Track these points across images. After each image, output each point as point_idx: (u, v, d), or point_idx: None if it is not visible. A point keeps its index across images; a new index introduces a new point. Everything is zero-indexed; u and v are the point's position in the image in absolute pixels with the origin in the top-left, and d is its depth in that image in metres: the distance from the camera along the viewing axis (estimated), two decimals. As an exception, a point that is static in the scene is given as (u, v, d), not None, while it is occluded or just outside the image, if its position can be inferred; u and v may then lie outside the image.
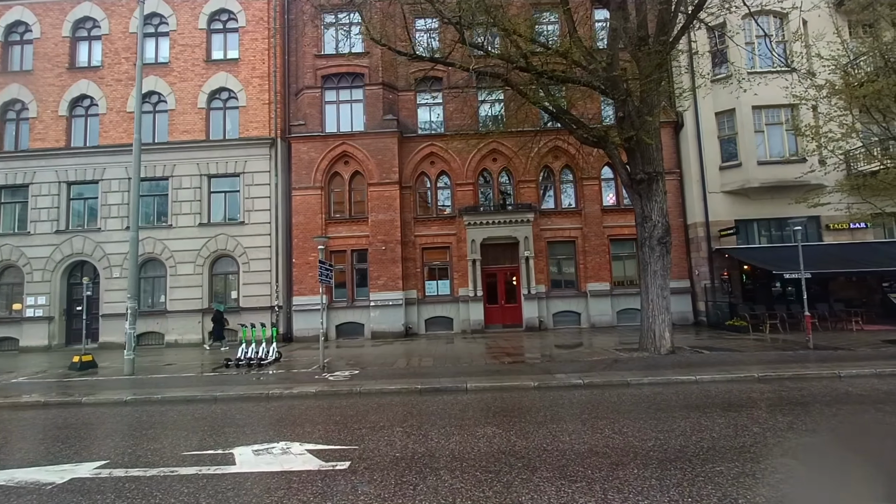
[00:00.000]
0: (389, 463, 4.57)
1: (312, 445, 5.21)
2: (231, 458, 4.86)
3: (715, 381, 8.11)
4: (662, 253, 10.23)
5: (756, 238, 16.77)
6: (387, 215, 16.95)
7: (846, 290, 16.39)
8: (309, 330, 16.40)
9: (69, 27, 17.73)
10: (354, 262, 17.32)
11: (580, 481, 3.94)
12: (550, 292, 17.56)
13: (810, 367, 8.76)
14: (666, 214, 10.36)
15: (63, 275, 16.96)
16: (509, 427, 5.74)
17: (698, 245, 16.69)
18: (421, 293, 17.56)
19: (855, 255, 15.34)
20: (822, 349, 10.63)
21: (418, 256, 17.62)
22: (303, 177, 17.11)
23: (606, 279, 17.37)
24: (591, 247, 17.44)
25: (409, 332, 16.93)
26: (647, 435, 5.20)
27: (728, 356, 10.15)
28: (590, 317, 17.16)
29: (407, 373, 9.75)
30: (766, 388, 7.57)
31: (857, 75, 13.19)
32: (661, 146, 10.65)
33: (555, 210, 17.89)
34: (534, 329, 16.69)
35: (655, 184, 10.21)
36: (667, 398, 7.11)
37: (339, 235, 17.19)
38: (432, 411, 6.74)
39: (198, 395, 8.34)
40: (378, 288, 16.68)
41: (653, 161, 10.26)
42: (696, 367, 9.05)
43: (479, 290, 17.02)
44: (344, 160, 17.41)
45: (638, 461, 4.38)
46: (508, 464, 4.43)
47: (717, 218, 16.50)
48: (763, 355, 10.21)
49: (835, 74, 12.58)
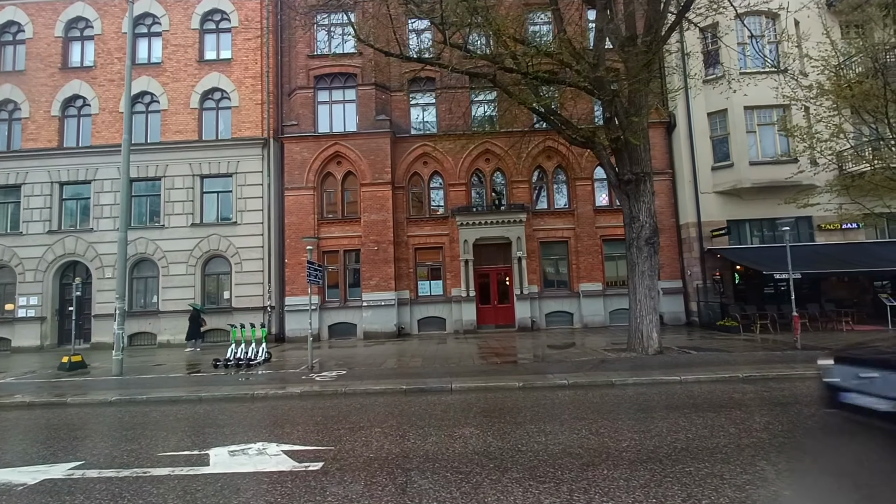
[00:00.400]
0: (363, 464, 4.58)
1: (289, 446, 5.21)
2: (206, 459, 4.87)
3: (699, 381, 8.11)
4: (650, 253, 10.24)
5: (748, 238, 16.79)
6: (379, 216, 16.95)
7: (838, 290, 16.42)
8: (301, 330, 16.33)
9: (62, 27, 17.73)
10: (347, 263, 17.34)
11: (549, 482, 3.95)
12: (543, 293, 17.57)
13: (796, 367, 8.75)
14: (654, 215, 10.36)
15: (55, 275, 16.96)
16: (487, 427, 5.75)
17: (690, 245, 16.71)
18: (414, 293, 17.58)
19: (846, 255, 15.36)
20: (810, 349, 10.62)
21: (411, 257, 17.63)
22: (295, 177, 17.11)
23: (599, 279, 17.38)
24: (584, 247, 17.45)
25: (402, 333, 16.94)
26: (622, 435, 5.21)
27: (715, 356, 10.17)
28: (582, 317, 17.17)
29: (394, 373, 9.76)
30: (749, 388, 7.57)
31: (846, 76, 13.20)
32: (649, 147, 10.66)
33: (547, 210, 17.92)
34: (526, 329, 16.70)
35: (643, 184, 10.22)
36: (649, 399, 7.12)
37: (331, 236, 17.20)
38: (414, 412, 6.75)
39: (183, 396, 8.35)
40: (370, 288, 16.68)
41: (640, 162, 10.27)
42: (682, 367, 9.06)
43: (472, 290, 17.03)
44: (336, 160, 17.41)
45: (609, 462, 4.38)
46: (481, 464, 4.43)
47: (710, 218, 16.53)
48: (750, 356, 10.22)
49: (823, 75, 12.59)
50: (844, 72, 13.53)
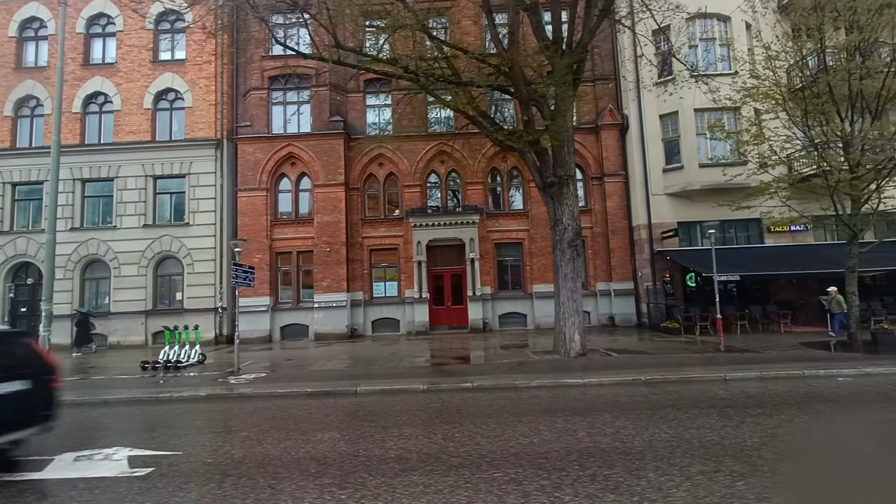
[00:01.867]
0: (192, 469, 4.61)
1: (140, 451, 5.23)
2: (45, 464, 4.88)
3: (602, 384, 8.15)
4: (573, 256, 10.28)
5: (699, 240, 16.85)
6: (332, 217, 16.96)
7: (786, 291, 16.50)
8: (253, 332, 16.39)
9: (15, 27, 17.67)
10: (301, 264, 17.34)
11: (350, 488, 3.98)
12: (498, 294, 17.61)
13: (706, 370, 8.80)
14: (576, 218, 10.39)
15: (7, 276, 16.91)
16: (350, 432, 5.79)
17: (642, 247, 16.76)
18: (368, 295, 17.60)
19: (795, 257, 15.45)
20: (734, 351, 10.72)
21: (366, 258, 17.65)
22: (248, 178, 17.10)
23: (552, 281, 17.34)
24: (538, 248, 17.48)
25: (355, 334, 16.96)
26: (474, 440, 5.24)
27: (635, 359, 10.22)
28: (535, 318, 17.21)
29: (313, 376, 9.77)
30: (647, 391, 7.62)
31: (793, 80, 13.22)
32: (573, 150, 10.70)
33: (502, 212, 17.95)
34: (478, 331, 16.73)
35: (566, 187, 10.25)
36: (541, 401, 7.18)
37: (284, 237, 17.21)
38: (300, 416, 6.78)
39: (88, 399, 8.34)
40: (322, 289, 16.69)
41: (565, 164, 10.30)
42: (595, 370, 9.08)
43: (425, 291, 17.05)
44: (290, 161, 17.41)
45: (429, 466, 4.42)
46: (302, 469, 4.47)
47: (661, 220, 16.57)
48: (670, 358, 10.27)
49: (769, 80, 12.61)
50: (793, 75, 13.54)
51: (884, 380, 7.89)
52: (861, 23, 10.88)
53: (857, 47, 11.23)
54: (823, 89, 11.37)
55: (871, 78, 10.95)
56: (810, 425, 5.54)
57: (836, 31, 13.60)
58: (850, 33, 11.43)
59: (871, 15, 10.53)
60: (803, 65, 11.58)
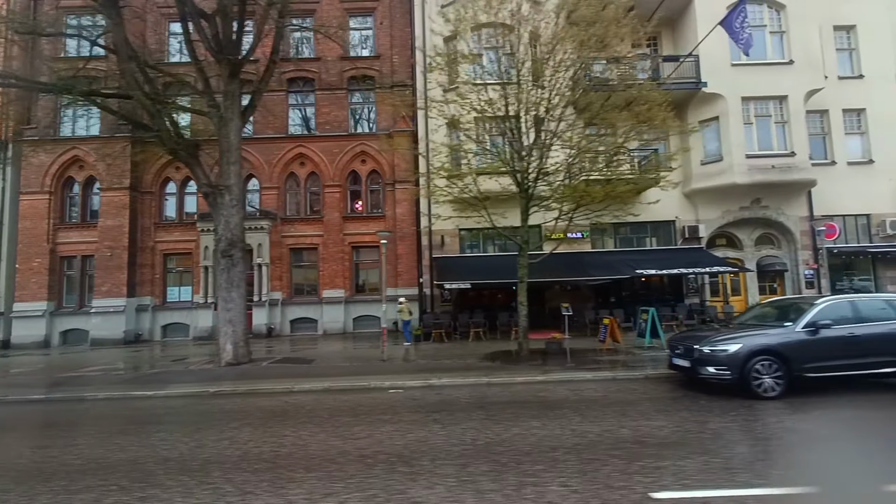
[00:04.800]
0: None
1: None
2: None
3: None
4: (227, 266, 10.31)
5: (482, 247, 17.08)
6: (115, 221, 16.80)
7: (561, 298, 16.76)
8: (28, 337, 16.19)
9: None
10: (87, 269, 17.17)
11: None
12: (292, 299, 17.64)
13: (272, 382, 8.68)
14: (233, 228, 10.40)
15: None
16: None
17: (423, 253, 16.91)
18: (161, 300, 17.50)
19: (569, 264, 15.76)
20: (429, 358, 10.88)
21: (158, 262, 17.54)
22: (31, 181, 16.87)
23: (342, 286, 17.48)
24: (330, 254, 17.55)
25: (140, 339, 16.84)
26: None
27: (288, 369, 10.20)
28: (324, 323, 17.26)
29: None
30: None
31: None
32: (238, 160, 10.72)
33: (298, 217, 17.96)
34: (261, 336, 16.70)
35: (221, 197, 10.29)
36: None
37: (69, 241, 17.03)
38: None
39: None
40: (102, 294, 16.54)
41: (224, 175, 10.34)
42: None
43: (212, 296, 16.98)
44: (78, 164, 17.22)
45: None
46: None
47: (443, 227, 16.71)
48: (340, 367, 10.15)
49: None
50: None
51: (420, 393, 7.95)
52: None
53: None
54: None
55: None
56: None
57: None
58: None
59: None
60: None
